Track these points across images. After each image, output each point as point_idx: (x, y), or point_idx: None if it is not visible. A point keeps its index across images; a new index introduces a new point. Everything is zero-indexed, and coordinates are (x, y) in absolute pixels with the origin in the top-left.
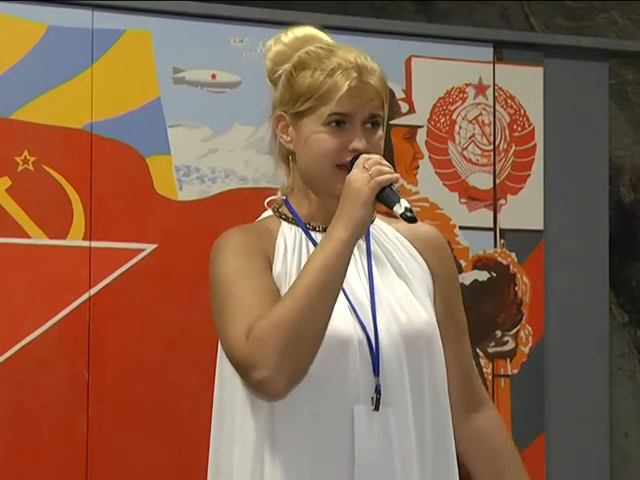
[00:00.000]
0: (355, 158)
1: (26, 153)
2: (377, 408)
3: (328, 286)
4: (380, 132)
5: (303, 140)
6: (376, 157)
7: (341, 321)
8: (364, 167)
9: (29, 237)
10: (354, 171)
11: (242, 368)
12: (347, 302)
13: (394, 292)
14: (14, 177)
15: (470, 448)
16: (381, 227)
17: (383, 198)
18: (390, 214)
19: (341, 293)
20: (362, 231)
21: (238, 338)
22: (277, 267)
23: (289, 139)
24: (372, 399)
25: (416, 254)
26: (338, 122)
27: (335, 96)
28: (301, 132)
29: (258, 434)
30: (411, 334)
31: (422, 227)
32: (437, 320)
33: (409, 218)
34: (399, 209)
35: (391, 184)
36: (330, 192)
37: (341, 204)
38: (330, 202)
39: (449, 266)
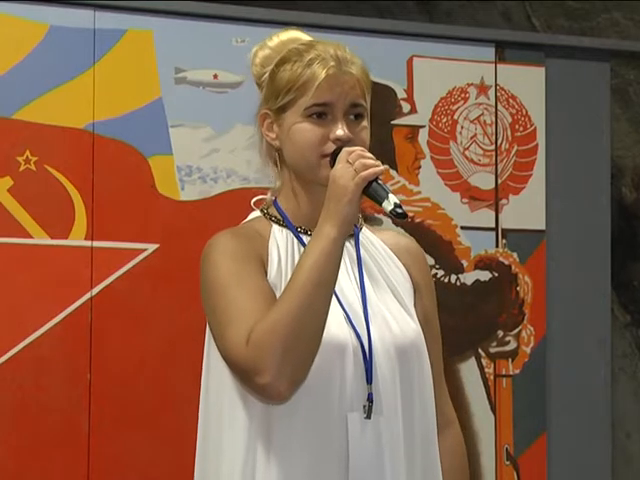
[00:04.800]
0: (338, 151)
1: (28, 153)
2: (369, 416)
3: (321, 285)
4: (364, 123)
5: (286, 133)
6: (358, 150)
7: (337, 328)
8: (348, 161)
9: (31, 237)
10: (338, 166)
11: (244, 374)
12: (342, 310)
13: (385, 301)
14: (16, 177)
15: None
16: (368, 236)
17: (370, 193)
18: (375, 221)
19: (335, 301)
20: (350, 227)
21: (237, 344)
22: (272, 274)
23: (274, 136)
24: (364, 407)
25: (400, 265)
26: (319, 114)
27: (313, 86)
28: (284, 126)
29: (250, 438)
30: (403, 344)
31: (403, 239)
32: None
33: (399, 214)
34: (388, 205)
35: (377, 177)
36: (318, 181)
37: (327, 201)
38: (320, 199)
39: (428, 278)
